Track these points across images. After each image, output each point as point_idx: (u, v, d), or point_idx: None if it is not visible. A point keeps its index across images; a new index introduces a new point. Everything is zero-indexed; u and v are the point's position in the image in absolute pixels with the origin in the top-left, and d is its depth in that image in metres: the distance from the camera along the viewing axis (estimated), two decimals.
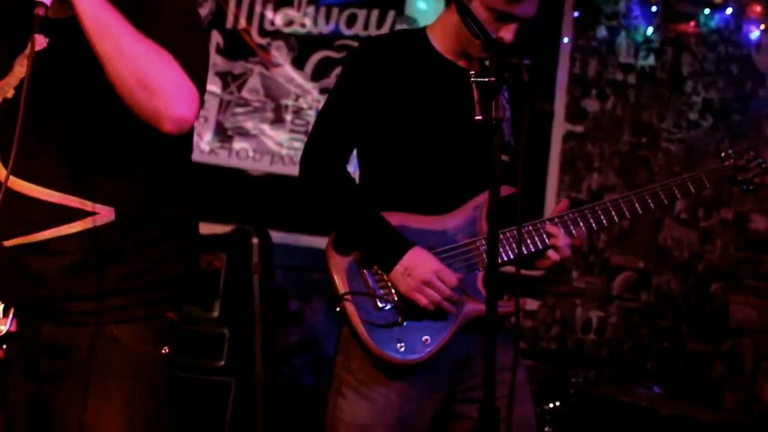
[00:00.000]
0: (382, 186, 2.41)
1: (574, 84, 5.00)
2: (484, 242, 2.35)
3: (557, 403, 3.91)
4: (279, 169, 4.62)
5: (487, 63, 2.33)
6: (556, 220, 2.38)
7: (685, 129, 5.20)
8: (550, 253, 2.36)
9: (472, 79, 1.90)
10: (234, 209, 4.50)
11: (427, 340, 2.28)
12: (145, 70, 1.82)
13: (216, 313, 3.90)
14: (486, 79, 1.85)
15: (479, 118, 1.89)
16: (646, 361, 4.93)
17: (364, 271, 2.32)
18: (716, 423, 4.42)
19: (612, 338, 4.98)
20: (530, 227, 2.37)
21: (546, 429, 3.82)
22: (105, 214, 1.97)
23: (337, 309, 2.30)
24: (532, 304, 4.92)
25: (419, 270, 2.25)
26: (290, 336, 4.69)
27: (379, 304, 2.29)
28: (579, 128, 5.04)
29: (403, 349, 2.26)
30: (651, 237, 5.09)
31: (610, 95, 5.08)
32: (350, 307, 2.28)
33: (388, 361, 2.26)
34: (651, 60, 5.14)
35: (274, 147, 4.64)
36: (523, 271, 2.17)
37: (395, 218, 2.33)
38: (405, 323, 2.28)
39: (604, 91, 5.07)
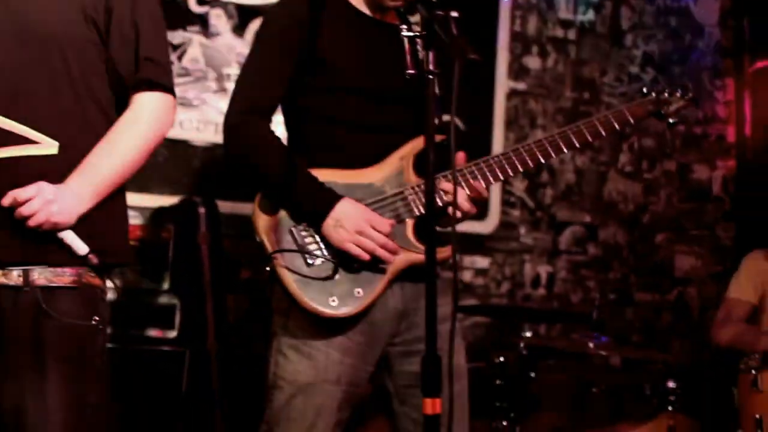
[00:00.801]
0: (308, 143, 2.41)
1: (515, 42, 5.02)
2: (412, 191, 2.35)
3: (507, 357, 3.97)
4: None
5: (407, 15, 2.33)
6: (448, 175, 2.31)
7: (627, 83, 5.25)
8: (450, 210, 2.33)
9: (403, 33, 1.90)
10: (180, 181, 4.47)
11: (359, 292, 2.28)
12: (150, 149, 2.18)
13: (166, 285, 3.90)
14: (417, 33, 1.85)
15: (411, 72, 1.89)
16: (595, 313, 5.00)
17: (292, 228, 2.31)
18: (668, 362, 4.49)
19: (561, 292, 5.05)
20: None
21: (497, 382, 3.87)
22: (48, 145, 2.03)
23: (267, 269, 2.29)
24: (482, 262, 4.97)
25: (350, 220, 2.25)
26: (242, 304, 4.68)
27: (309, 261, 2.28)
28: (521, 86, 5.06)
29: (335, 302, 2.26)
30: (596, 191, 5.15)
31: (551, 52, 5.11)
32: (280, 266, 2.26)
33: (321, 316, 2.26)
34: (590, 15, 5.18)
35: (218, 116, 4.60)
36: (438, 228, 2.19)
37: (322, 174, 2.32)
38: (337, 277, 2.27)
39: (544, 48, 5.10)
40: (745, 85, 5.38)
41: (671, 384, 4.12)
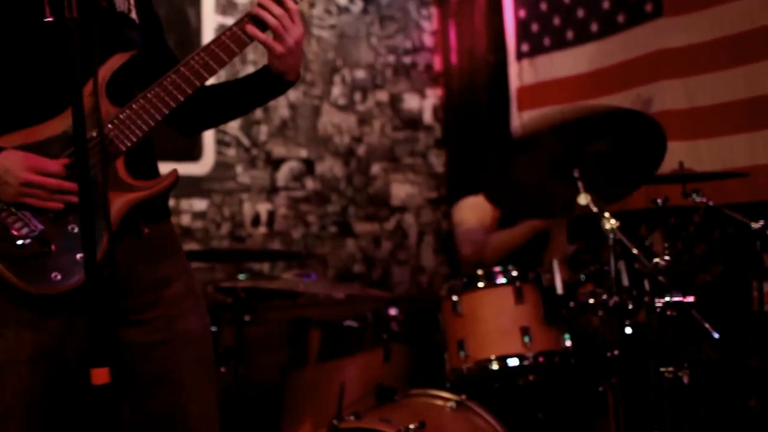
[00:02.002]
0: None
1: None
2: (112, 126, 2.09)
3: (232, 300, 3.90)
4: None
5: None
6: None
7: (336, 15, 5.22)
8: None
9: None
10: None
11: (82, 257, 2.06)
12: None
13: None
14: None
15: (49, 19, 1.70)
16: (317, 249, 5.03)
17: None
18: (387, 299, 4.61)
19: (282, 229, 5.00)
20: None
21: (213, 328, 3.78)
22: None
23: None
24: (200, 204, 4.81)
25: (11, 174, 2.00)
26: None
27: (18, 241, 2.01)
28: (230, 20, 4.89)
29: (59, 277, 2.01)
30: (311, 125, 5.11)
31: None
32: None
33: (49, 295, 2.02)
34: None
35: None
36: None
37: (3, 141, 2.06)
38: (53, 248, 2.03)
39: None
40: (450, 15, 5.51)
41: (393, 312, 4.23)
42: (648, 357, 3.06)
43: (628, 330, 3.10)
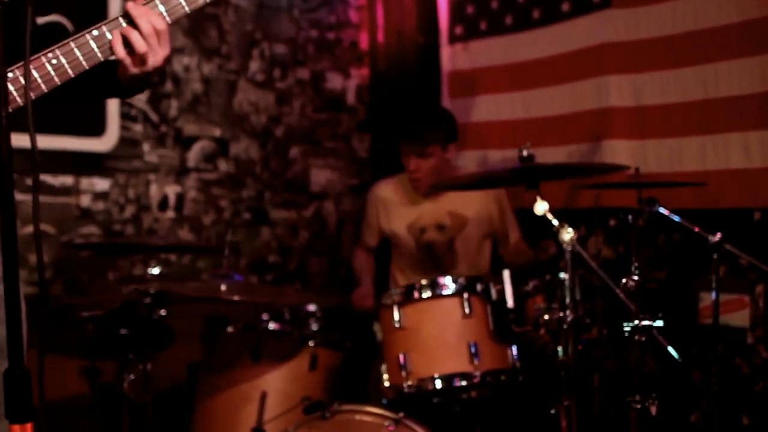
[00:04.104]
0: None
1: None
2: None
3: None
4: None
5: None
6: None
7: None
8: None
9: None
10: None
11: None
12: None
13: None
14: None
15: None
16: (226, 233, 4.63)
17: None
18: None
19: (192, 214, 4.61)
20: None
21: (123, 331, 3.42)
22: None
23: None
24: (102, 184, 4.38)
25: None
26: None
27: None
28: None
29: None
30: (226, 102, 4.72)
31: None
32: None
33: None
34: None
35: None
36: None
37: None
38: None
39: None
40: None
41: (311, 308, 3.93)
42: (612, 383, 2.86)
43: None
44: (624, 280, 2.71)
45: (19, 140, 1.65)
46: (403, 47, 5.02)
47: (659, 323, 2.66)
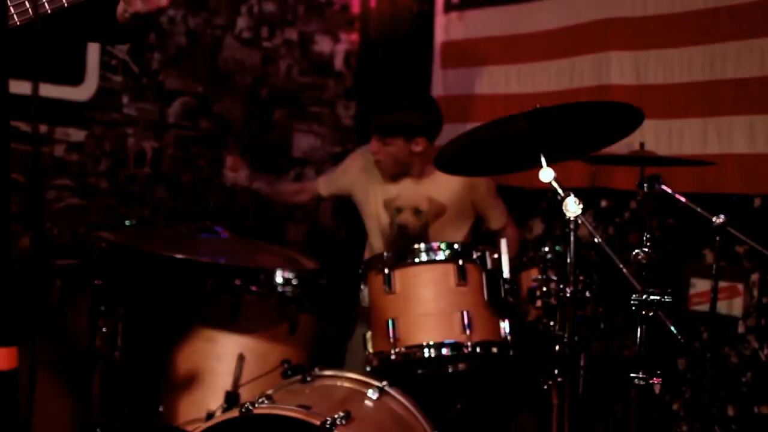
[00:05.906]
0: None
1: None
2: None
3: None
4: None
5: None
6: None
7: None
8: None
9: None
10: None
11: None
12: None
13: None
14: None
15: None
16: (209, 199, 4.47)
17: None
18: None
19: (169, 171, 4.44)
20: None
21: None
22: None
23: None
24: (77, 134, 4.19)
25: None
26: None
27: None
28: None
29: None
30: (210, 58, 4.55)
31: None
32: None
33: None
34: None
35: None
36: None
37: None
38: None
39: None
40: None
41: (286, 275, 3.79)
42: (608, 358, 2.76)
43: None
44: (636, 252, 2.59)
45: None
46: (395, 13, 4.88)
47: (668, 298, 2.56)
